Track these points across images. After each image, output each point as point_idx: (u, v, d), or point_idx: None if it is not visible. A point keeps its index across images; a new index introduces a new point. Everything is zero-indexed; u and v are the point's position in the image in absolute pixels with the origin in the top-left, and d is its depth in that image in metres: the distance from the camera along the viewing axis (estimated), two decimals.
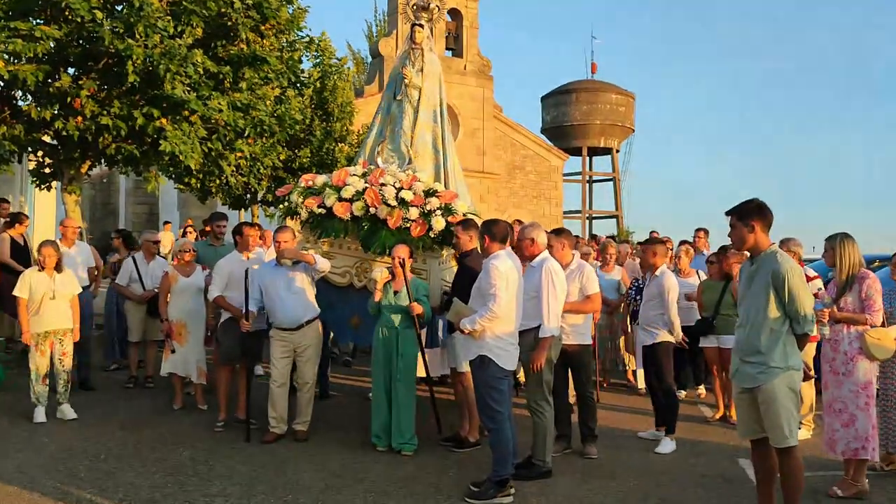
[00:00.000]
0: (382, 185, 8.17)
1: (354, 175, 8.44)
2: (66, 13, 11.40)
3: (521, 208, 34.78)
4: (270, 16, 13.29)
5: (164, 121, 12.12)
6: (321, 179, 8.60)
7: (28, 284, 8.02)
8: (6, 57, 11.15)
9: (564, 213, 40.94)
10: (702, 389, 10.40)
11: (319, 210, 8.28)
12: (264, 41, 13.73)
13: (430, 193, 8.18)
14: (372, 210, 8.07)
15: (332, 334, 9.72)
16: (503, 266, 6.17)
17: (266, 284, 7.64)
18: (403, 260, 7.30)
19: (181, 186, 17.41)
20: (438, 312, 7.75)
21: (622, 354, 11.06)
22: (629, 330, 10.62)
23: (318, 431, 7.89)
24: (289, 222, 8.95)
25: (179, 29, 12.16)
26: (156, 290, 9.63)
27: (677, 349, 8.26)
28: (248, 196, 18.84)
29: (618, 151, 49.59)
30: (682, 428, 8.25)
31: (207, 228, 8.67)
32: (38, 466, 6.49)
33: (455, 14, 33.74)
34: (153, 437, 7.51)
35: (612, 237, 15.26)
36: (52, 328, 8.08)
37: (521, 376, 10.73)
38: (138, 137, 12.72)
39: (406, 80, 9.21)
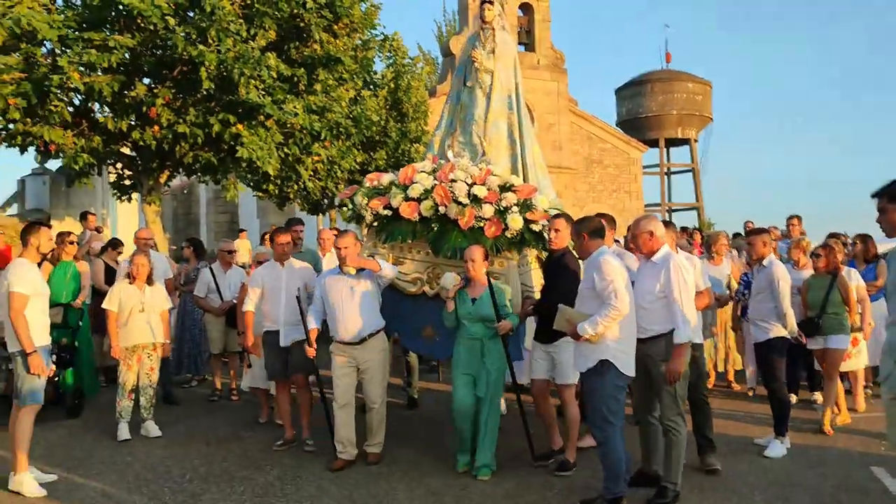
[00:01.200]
0: (452, 181, 7.28)
1: (423, 171, 7.57)
2: (139, 21, 11.28)
3: (600, 203, 33.95)
4: (343, 14, 13.01)
5: (240, 127, 11.95)
6: (387, 178, 7.79)
7: (118, 297, 7.87)
8: (81, 69, 11.07)
9: (645, 206, 39.95)
10: (818, 395, 9.50)
11: (385, 212, 7.46)
12: (337, 41, 13.46)
13: (505, 188, 7.30)
14: (441, 209, 7.20)
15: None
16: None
17: (326, 294, 6.89)
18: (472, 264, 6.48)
19: (259, 193, 17.30)
20: (522, 319, 6.94)
21: (732, 354, 10.39)
22: (740, 328, 9.89)
23: (406, 444, 7.36)
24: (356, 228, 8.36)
25: (252, 32, 11.97)
26: (234, 301, 9.33)
27: (792, 347, 7.61)
28: (326, 201, 18.63)
29: (696, 141, 48.27)
30: (798, 435, 7.60)
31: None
32: (122, 488, 6.21)
33: (527, 9, 33.20)
34: (239, 455, 7.17)
35: (697, 229, 14.50)
36: (140, 342, 7.86)
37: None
38: (215, 145, 12.59)
39: (476, 64, 8.23)
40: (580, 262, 6.48)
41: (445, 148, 8.23)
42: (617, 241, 7.43)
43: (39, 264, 7.27)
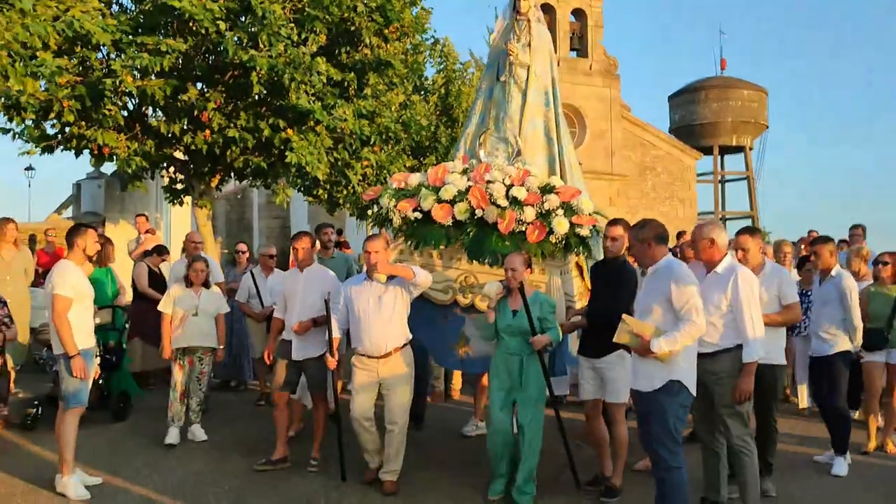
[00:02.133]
0: (489, 181, 6.84)
1: (454, 172, 7.14)
2: (191, 25, 11.34)
3: (652, 210, 33.50)
4: (394, 18, 12.94)
5: (290, 132, 11.94)
6: (415, 179, 7.31)
7: (172, 300, 7.88)
8: (135, 73, 11.16)
9: (698, 214, 39.33)
10: (858, 413, 8.83)
11: (415, 215, 6.98)
12: (388, 45, 13.41)
13: (547, 190, 6.85)
14: (478, 212, 6.74)
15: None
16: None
17: (351, 302, 6.38)
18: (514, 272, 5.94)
19: (310, 198, 17.32)
20: (568, 331, 6.50)
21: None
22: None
23: (427, 466, 6.84)
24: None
25: (303, 36, 11.96)
26: (274, 307, 9.22)
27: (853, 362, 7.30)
28: (376, 206, 18.60)
29: (751, 149, 47.46)
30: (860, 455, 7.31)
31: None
32: (166, 492, 6.19)
33: (579, 14, 32.94)
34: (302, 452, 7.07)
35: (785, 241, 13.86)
36: (193, 345, 7.86)
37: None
38: (265, 149, 12.60)
39: (511, 57, 7.74)
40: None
41: (476, 147, 7.80)
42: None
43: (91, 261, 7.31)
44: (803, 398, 9.38)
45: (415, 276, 6.20)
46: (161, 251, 10.74)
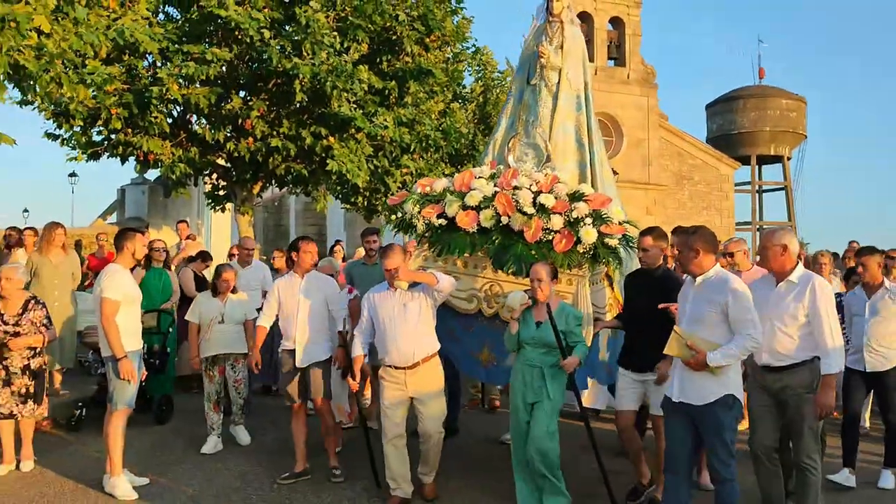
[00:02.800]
0: (516, 188, 6.51)
1: (481, 178, 6.84)
2: (237, 34, 11.50)
3: (689, 220, 33.19)
4: (435, 27, 13.05)
5: (331, 139, 12.06)
6: (441, 184, 6.99)
7: (199, 309, 7.93)
8: (180, 81, 11.34)
9: (736, 224, 39.02)
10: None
11: (439, 221, 6.66)
12: (429, 54, 13.50)
13: (576, 197, 6.49)
14: (504, 219, 6.43)
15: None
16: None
17: (375, 312, 6.11)
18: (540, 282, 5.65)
19: (347, 206, 17.44)
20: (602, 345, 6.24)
21: None
22: None
23: (461, 476, 6.66)
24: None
25: (345, 45, 12.09)
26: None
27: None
28: None
29: (789, 159, 46.99)
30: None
31: (295, 256, 6.86)
32: (210, 494, 6.23)
33: (617, 23, 32.90)
34: (325, 466, 7.09)
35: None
36: (221, 353, 7.81)
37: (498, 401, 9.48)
38: (307, 157, 12.73)
39: (543, 59, 7.39)
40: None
41: (505, 152, 7.48)
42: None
43: (133, 269, 7.40)
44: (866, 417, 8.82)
45: (438, 282, 5.93)
46: (205, 257, 10.86)
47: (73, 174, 42.49)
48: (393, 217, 7.21)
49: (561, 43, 7.49)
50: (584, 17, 32.29)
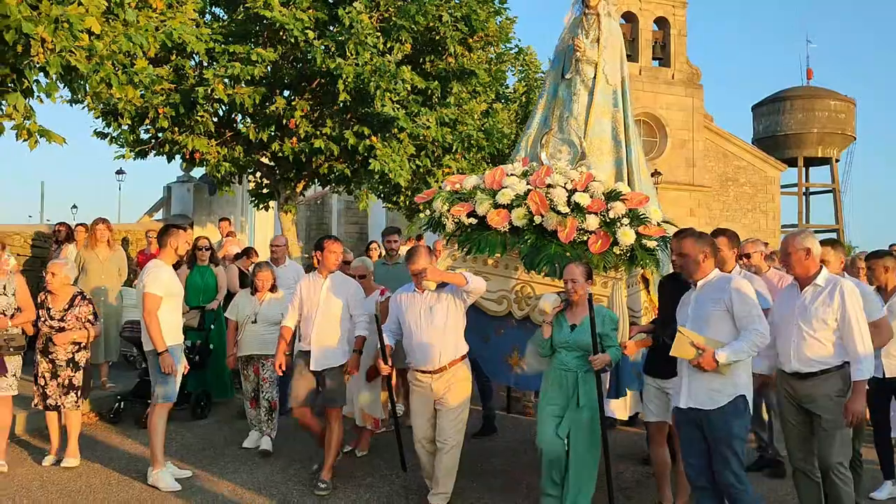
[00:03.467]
0: (549, 186, 6.26)
1: (513, 175, 6.60)
2: (281, 34, 11.63)
3: (734, 222, 32.93)
4: (479, 28, 13.06)
5: (374, 139, 12.14)
6: (471, 181, 6.78)
7: (237, 307, 7.89)
8: (226, 81, 11.50)
9: (781, 226, 38.50)
10: None
11: (469, 220, 6.45)
12: (472, 54, 13.52)
13: (612, 196, 6.22)
14: (537, 219, 6.19)
15: None
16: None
17: (402, 314, 5.95)
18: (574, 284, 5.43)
19: (389, 205, 17.53)
20: (632, 352, 5.86)
21: None
22: None
23: (482, 482, 6.51)
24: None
25: (389, 45, 12.16)
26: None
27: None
28: None
29: (837, 161, 46.28)
30: None
31: (319, 255, 6.63)
32: (252, 488, 6.30)
33: (662, 23, 32.63)
34: (364, 463, 7.14)
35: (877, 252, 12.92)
36: (254, 352, 7.68)
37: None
38: (349, 156, 12.83)
39: (578, 53, 7.10)
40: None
41: (538, 148, 7.22)
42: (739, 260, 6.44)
43: (177, 266, 7.49)
44: None
45: (467, 283, 5.70)
46: (250, 253, 10.99)
47: (120, 171, 43.29)
48: (422, 215, 7.03)
49: (597, 36, 7.22)
50: (629, 17, 32.08)
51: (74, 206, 52.12)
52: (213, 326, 9.08)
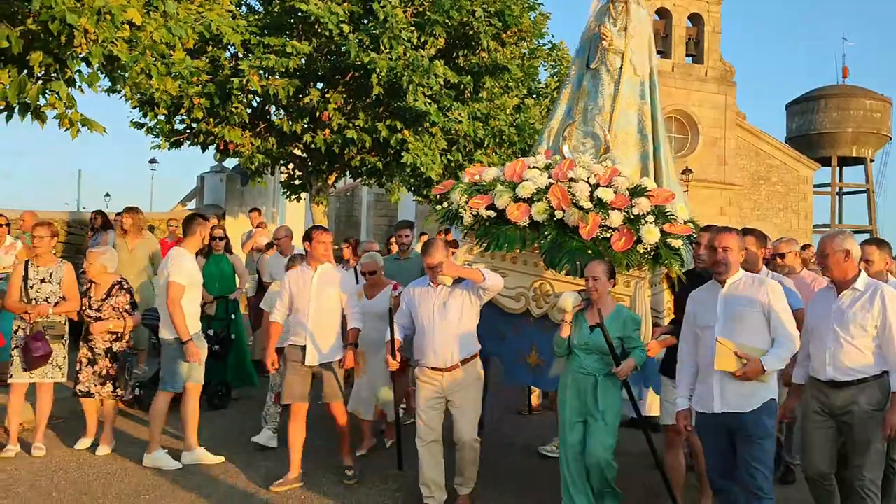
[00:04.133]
0: (572, 180, 6.02)
1: (535, 168, 6.35)
2: (316, 27, 11.73)
3: (765, 221, 32.70)
4: (513, 23, 13.09)
5: (406, 133, 12.22)
6: (491, 173, 6.54)
7: (269, 299, 7.83)
8: (261, 73, 11.62)
9: (814, 226, 38.17)
10: None
11: (488, 213, 6.23)
12: (505, 49, 13.56)
13: (637, 192, 5.97)
14: (558, 214, 5.96)
15: None
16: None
17: (415, 309, 5.74)
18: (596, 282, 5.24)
19: (419, 198, 17.60)
20: (656, 352, 5.64)
21: None
22: None
23: (502, 484, 6.22)
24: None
25: (422, 40, 12.22)
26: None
27: None
28: None
29: (872, 161, 45.78)
30: None
31: (307, 246, 6.43)
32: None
33: (696, 19, 32.41)
34: (385, 457, 7.03)
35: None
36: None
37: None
38: (382, 149, 12.92)
39: (605, 42, 6.80)
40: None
41: (561, 140, 6.94)
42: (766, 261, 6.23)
43: (196, 256, 7.55)
44: None
45: (484, 280, 5.49)
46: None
47: (153, 161, 43.74)
48: (440, 207, 6.76)
49: (625, 25, 6.89)
50: (663, 13, 31.92)
51: (108, 195, 52.75)
52: (234, 316, 9.09)
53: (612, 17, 6.94)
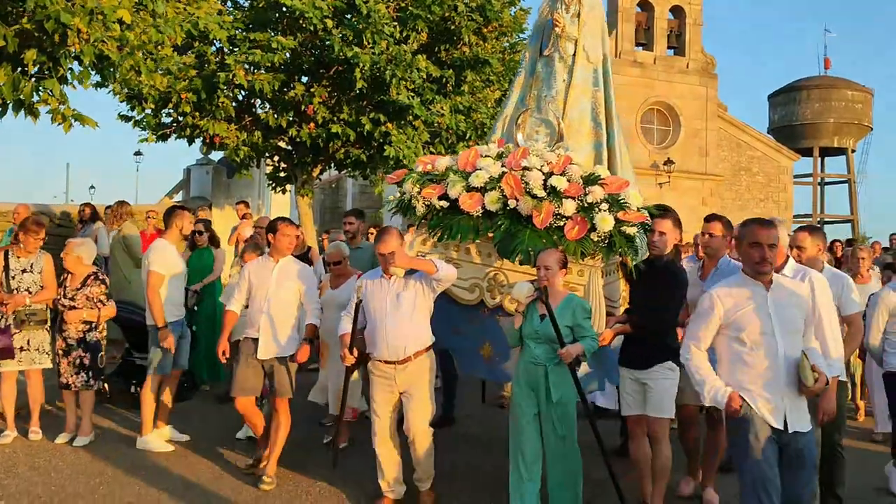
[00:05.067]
0: (525, 168, 5.92)
1: (488, 156, 6.25)
2: (301, 22, 11.97)
3: (746, 211, 33.05)
4: (493, 18, 13.36)
5: (389, 126, 12.48)
6: (444, 162, 6.40)
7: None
8: (247, 67, 11.86)
9: (794, 216, 38.64)
10: None
11: (441, 203, 6.09)
12: (486, 44, 13.82)
13: (591, 180, 5.86)
14: (511, 203, 5.85)
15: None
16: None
17: (367, 302, 5.56)
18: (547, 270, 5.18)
19: (403, 190, 17.83)
20: (611, 340, 5.54)
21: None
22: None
23: (454, 482, 6.06)
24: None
25: (405, 34, 12.47)
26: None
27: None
28: None
29: (853, 151, 46.25)
30: None
31: (271, 238, 6.23)
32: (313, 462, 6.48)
33: (678, 11, 32.72)
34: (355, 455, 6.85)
35: (850, 241, 12.78)
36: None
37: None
38: (365, 142, 13.18)
39: (557, 29, 6.67)
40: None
41: (514, 129, 6.78)
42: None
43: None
44: (883, 422, 7.96)
45: (437, 271, 5.34)
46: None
47: (138, 153, 43.78)
48: (392, 197, 6.55)
49: (578, 11, 6.76)
50: (645, 6, 32.23)
51: (92, 187, 52.62)
52: (196, 307, 8.98)
53: (564, 3, 6.80)
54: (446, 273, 5.41)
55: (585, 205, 5.73)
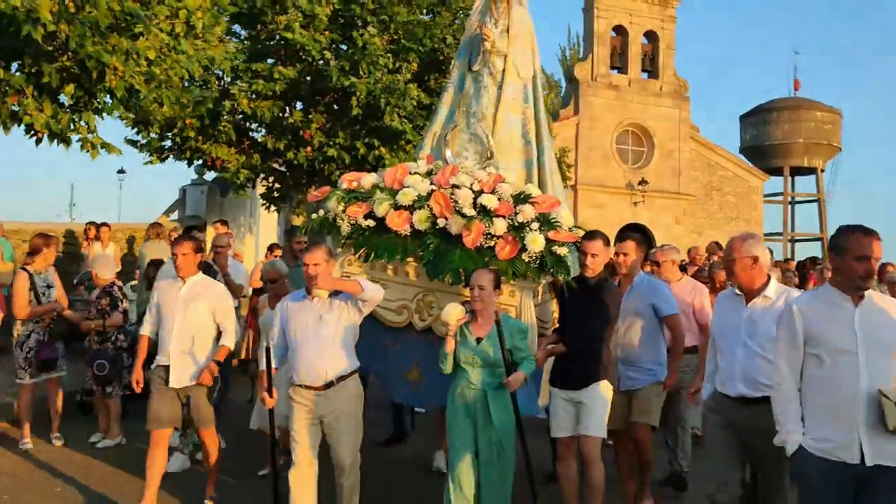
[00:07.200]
0: (455, 186, 5.73)
1: (416, 173, 6.01)
2: (300, 53, 12.72)
3: (718, 230, 34.03)
4: None
5: (383, 150, 13.25)
6: (369, 179, 6.11)
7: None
8: (250, 96, 12.59)
9: (765, 235, 39.66)
10: None
11: (367, 222, 5.80)
12: None
13: (521, 199, 5.73)
14: (441, 222, 5.65)
15: None
16: None
17: (287, 324, 5.19)
18: (480, 289, 4.94)
19: None
20: (543, 361, 5.41)
21: None
22: None
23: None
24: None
25: (398, 65, 13.25)
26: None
27: None
28: None
29: (823, 171, 47.39)
30: None
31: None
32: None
33: (651, 36, 33.74)
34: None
35: (814, 259, 12.97)
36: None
37: None
38: (360, 165, 13.89)
39: (487, 44, 6.49)
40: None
41: (443, 146, 6.60)
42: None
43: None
44: None
45: (363, 291, 5.02)
46: (272, 248, 11.38)
47: (121, 171, 43.91)
48: (315, 216, 6.20)
49: (506, 26, 6.59)
50: (620, 30, 33.21)
51: (73, 204, 52.84)
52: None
53: (493, 18, 6.65)
54: (372, 293, 5.12)
55: (516, 224, 5.62)
